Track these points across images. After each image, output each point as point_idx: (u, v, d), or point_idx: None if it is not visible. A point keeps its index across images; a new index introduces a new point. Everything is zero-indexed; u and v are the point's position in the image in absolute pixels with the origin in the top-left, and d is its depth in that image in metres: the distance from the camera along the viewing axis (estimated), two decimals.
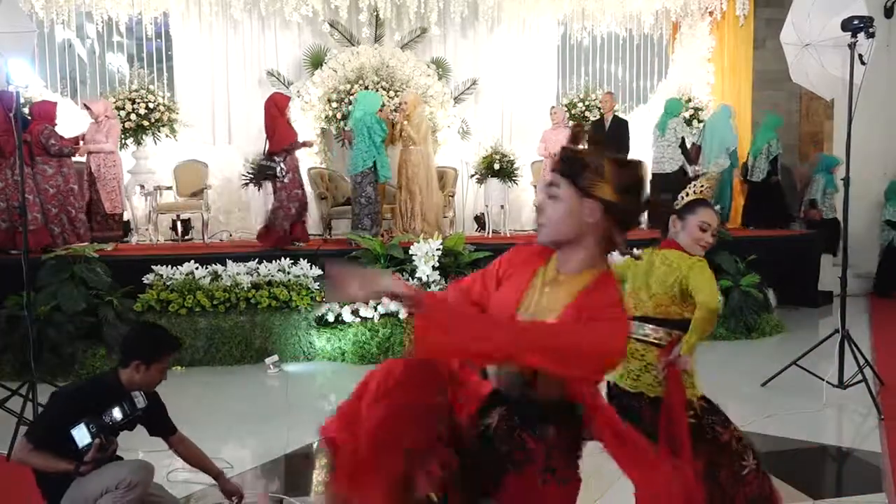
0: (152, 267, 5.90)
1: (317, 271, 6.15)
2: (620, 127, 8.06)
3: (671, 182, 7.90)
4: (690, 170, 8.16)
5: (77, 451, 2.53)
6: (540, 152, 8.26)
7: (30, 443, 2.57)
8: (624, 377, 2.56)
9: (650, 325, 2.55)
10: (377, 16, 8.86)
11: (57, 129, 6.55)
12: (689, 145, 8.35)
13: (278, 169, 6.63)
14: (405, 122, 7.56)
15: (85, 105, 7.34)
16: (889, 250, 9.20)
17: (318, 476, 3.64)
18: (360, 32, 8.90)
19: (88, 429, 2.52)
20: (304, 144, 7.19)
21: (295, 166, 6.89)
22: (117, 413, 2.61)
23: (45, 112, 6.56)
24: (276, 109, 6.82)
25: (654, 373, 2.49)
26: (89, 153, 7.05)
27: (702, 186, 2.66)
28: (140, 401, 2.69)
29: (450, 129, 9.08)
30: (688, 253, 2.58)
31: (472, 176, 8.60)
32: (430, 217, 7.56)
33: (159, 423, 2.90)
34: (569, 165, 1.59)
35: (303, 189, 6.97)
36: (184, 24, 8.92)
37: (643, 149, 9.42)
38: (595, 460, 2.20)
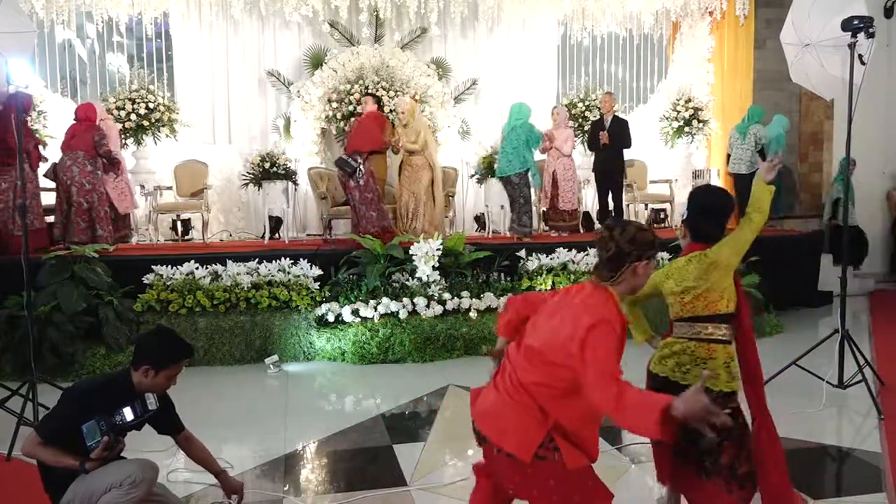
0: (152, 267, 5.90)
1: (317, 271, 6.15)
2: (621, 126, 8.07)
3: (747, 183, 8.01)
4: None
5: (86, 447, 2.54)
6: (542, 149, 8.24)
7: (40, 436, 2.58)
8: (675, 370, 2.69)
9: (713, 323, 2.66)
10: (377, 16, 8.85)
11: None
12: (766, 150, 8.53)
13: (358, 170, 6.91)
14: (401, 131, 7.61)
15: None
16: None
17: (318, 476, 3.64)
18: (360, 32, 8.90)
19: (99, 426, 2.53)
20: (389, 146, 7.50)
21: (371, 171, 7.12)
22: (128, 413, 2.62)
23: (95, 114, 6.74)
24: (376, 121, 7.27)
25: (702, 367, 2.60)
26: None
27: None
28: (152, 402, 2.70)
29: (450, 129, 9.08)
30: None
31: (472, 176, 8.60)
32: (433, 220, 7.59)
33: (167, 421, 2.91)
34: None
35: (377, 193, 7.15)
36: (184, 24, 8.92)
37: (644, 148, 9.44)
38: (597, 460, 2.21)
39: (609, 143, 7.95)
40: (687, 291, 2.67)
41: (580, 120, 9.29)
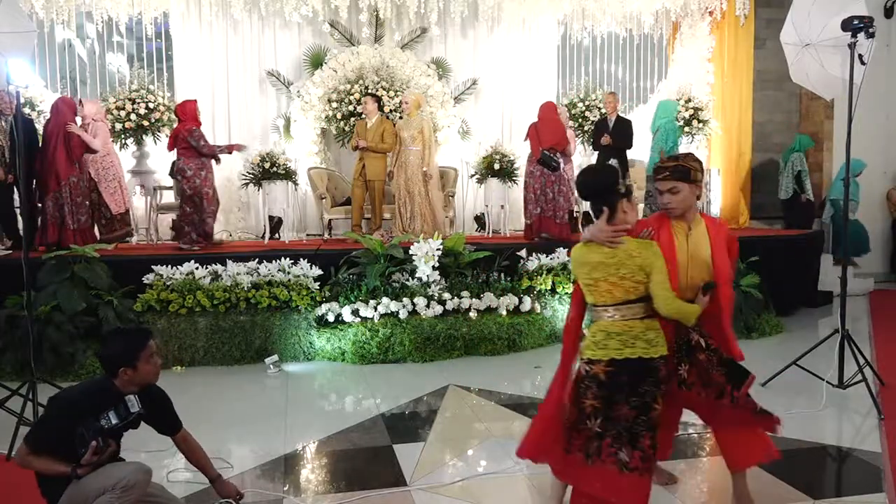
0: (152, 267, 5.90)
1: (317, 271, 6.15)
2: (624, 126, 8.09)
3: (786, 206, 9.26)
4: (803, 197, 9.11)
5: (77, 453, 2.55)
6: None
7: (28, 447, 2.59)
8: (620, 350, 2.72)
9: (637, 305, 2.77)
10: (377, 16, 8.86)
11: (202, 128, 6.98)
12: (803, 177, 9.07)
13: (561, 164, 7.36)
14: (400, 121, 7.62)
15: (80, 101, 7.32)
16: None
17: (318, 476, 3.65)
18: (360, 32, 8.90)
19: (87, 431, 2.54)
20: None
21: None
22: (113, 417, 2.64)
23: (189, 111, 6.89)
24: (553, 112, 7.57)
25: (644, 337, 2.74)
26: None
27: None
28: (134, 404, 2.71)
29: (450, 129, 9.08)
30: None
31: (472, 176, 8.60)
32: (431, 218, 7.58)
33: (164, 420, 2.92)
34: (682, 173, 3.01)
35: (568, 186, 7.50)
36: (184, 24, 8.92)
37: (644, 148, 9.42)
38: None
39: (612, 143, 7.97)
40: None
41: (580, 120, 9.30)
